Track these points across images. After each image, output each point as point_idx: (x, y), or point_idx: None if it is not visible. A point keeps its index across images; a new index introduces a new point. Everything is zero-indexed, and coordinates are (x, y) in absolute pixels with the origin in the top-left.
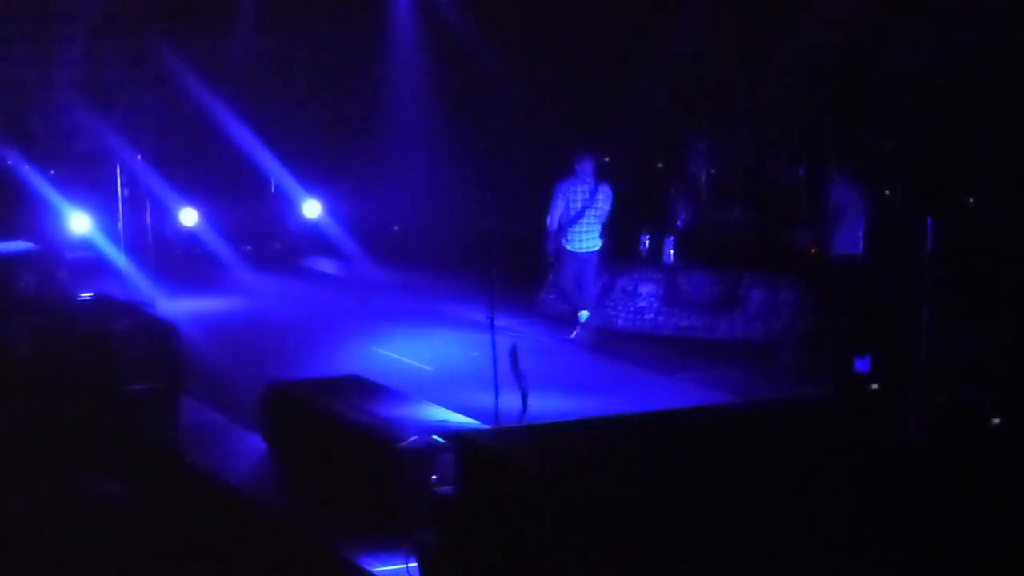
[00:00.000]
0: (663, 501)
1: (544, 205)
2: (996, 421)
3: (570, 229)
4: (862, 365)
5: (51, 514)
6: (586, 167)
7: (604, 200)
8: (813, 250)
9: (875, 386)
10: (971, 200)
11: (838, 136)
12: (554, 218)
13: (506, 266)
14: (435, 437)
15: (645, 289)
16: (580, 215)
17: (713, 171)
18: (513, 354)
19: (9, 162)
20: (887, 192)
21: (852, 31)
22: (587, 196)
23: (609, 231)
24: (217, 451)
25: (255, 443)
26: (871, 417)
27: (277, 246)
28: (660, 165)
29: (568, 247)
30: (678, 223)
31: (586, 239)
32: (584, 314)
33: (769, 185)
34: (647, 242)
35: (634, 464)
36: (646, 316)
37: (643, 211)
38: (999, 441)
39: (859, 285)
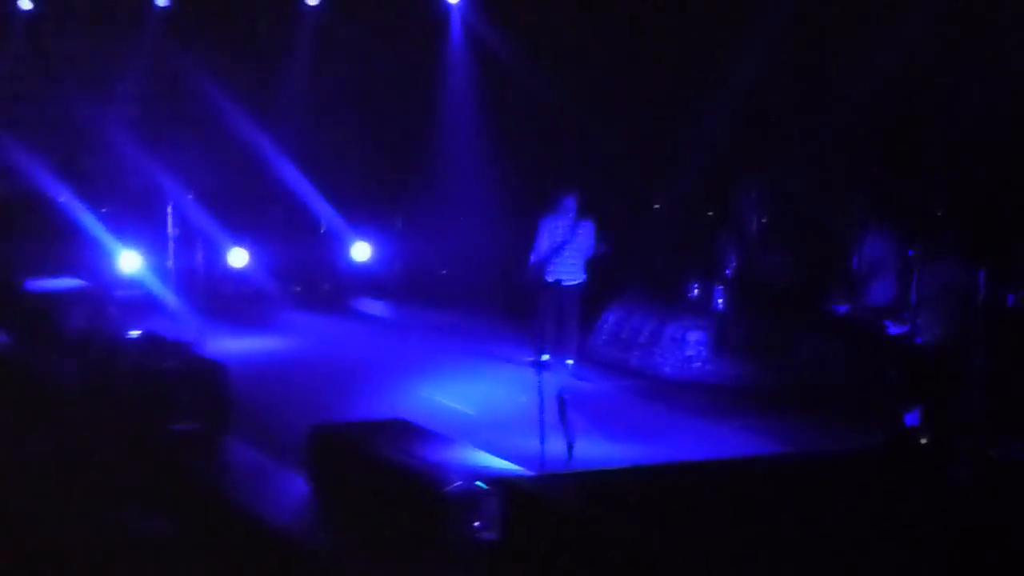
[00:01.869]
0: (708, 550)
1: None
2: None
3: (551, 263)
4: (911, 418)
5: (96, 551)
6: (568, 203)
7: (585, 236)
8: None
9: (924, 440)
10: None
11: (881, 186)
12: (536, 252)
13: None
14: (480, 483)
15: (693, 337)
16: (561, 249)
17: (764, 219)
18: (560, 403)
19: (61, 200)
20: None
21: (909, 75)
22: (568, 231)
23: (659, 277)
24: (261, 492)
25: (300, 485)
26: (921, 470)
27: (326, 287)
28: (710, 213)
29: (549, 280)
30: (727, 271)
31: (566, 273)
32: (568, 362)
33: (817, 234)
34: (696, 289)
35: (680, 513)
36: (694, 364)
37: (693, 258)
38: None
39: (907, 338)
